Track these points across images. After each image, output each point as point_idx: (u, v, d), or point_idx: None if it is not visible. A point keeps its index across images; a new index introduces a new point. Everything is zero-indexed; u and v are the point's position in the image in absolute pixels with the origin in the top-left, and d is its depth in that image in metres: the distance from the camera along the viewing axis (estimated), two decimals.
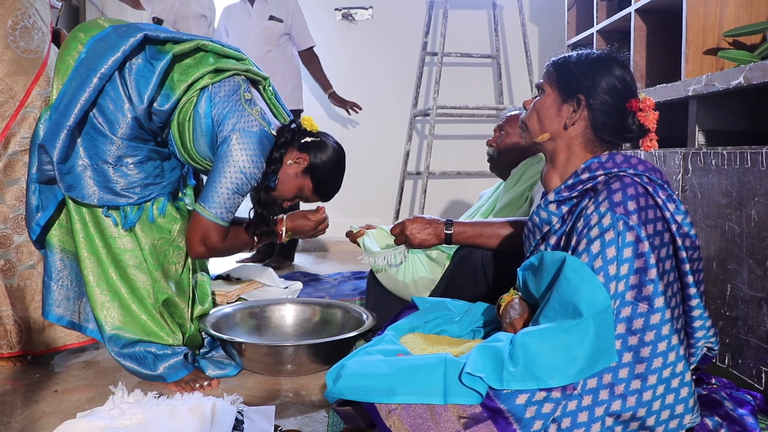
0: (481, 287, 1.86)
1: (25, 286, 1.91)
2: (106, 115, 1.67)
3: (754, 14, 2.33)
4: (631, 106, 1.32)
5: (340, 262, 3.96)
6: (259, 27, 3.59)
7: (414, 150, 4.61)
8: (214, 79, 1.72)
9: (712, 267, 1.78)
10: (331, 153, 1.84)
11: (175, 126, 1.76)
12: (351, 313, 2.09)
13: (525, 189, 2.08)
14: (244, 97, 1.74)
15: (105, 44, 1.65)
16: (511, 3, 4.45)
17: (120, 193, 1.70)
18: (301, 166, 1.82)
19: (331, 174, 1.86)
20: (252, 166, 1.70)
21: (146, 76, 1.67)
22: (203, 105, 1.72)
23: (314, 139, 1.83)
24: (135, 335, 1.75)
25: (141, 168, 1.73)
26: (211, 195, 1.70)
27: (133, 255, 1.76)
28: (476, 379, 1.17)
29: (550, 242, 1.36)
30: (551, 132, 1.37)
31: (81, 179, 1.67)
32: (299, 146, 1.82)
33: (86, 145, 1.68)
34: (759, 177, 1.58)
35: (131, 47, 1.65)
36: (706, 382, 1.46)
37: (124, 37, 1.65)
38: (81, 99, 1.62)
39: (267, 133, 1.75)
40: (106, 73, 1.63)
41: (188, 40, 1.73)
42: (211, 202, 1.70)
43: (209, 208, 1.71)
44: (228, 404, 1.49)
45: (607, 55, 1.36)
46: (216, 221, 1.72)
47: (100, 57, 1.63)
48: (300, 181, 1.83)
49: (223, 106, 1.71)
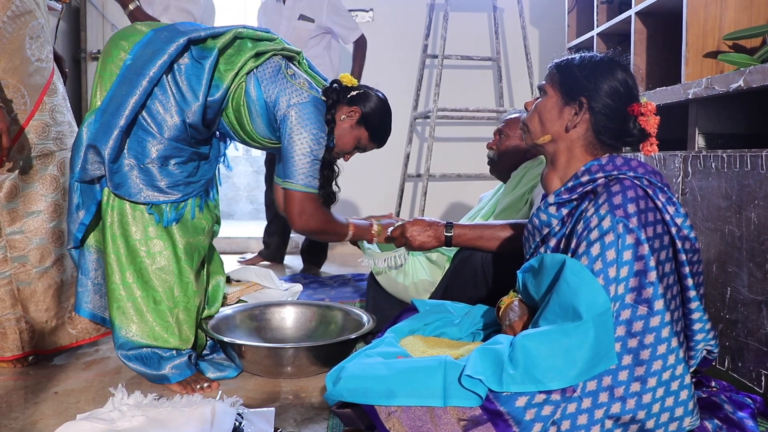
0: (481, 289, 1.86)
1: (36, 289, 1.94)
2: (154, 117, 1.75)
3: (754, 17, 2.33)
4: (632, 110, 1.32)
5: (340, 265, 3.96)
6: (289, 27, 3.49)
7: (414, 152, 4.62)
8: (256, 62, 1.82)
9: (712, 270, 1.78)
10: (377, 100, 1.95)
11: (230, 113, 1.85)
12: (351, 316, 2.09)
13: (525, 192, 2.09)
14: (287, 74, 1.84)
15: (151, 49, 1.73)
16: (511, 6, 4.45)
17: (164, 191, 1.77)
18: (354, 118, 1.93)
19: (382, 119, 1.97)
20: (318, 131, 1.81)
21: (197, 74, 1.76)
22: (253, 89, 1.81)
23: (359, 92, 1.95)
24: (143, 340, 1.76)
25: (183, 168, 1.81)
26: (293, 169, 1.81)
27: (160, 257, 1.78)
28: (476, 382, 1.17)
29: (550, 245, 1.36)
30: (552, 134, 1.37)
31: (128, 178, 1.74)
32: (347, 101, 1.93)
33: (133, 145, 1.75)
34: (759, 180, 1.58)
35: (177, 50, 1.73)
36: (705, 385, 1.46)
37: (168, 42, 1.73)
38: (131, 101, 1.69)
39: (318, 99, 1.85)
40: (155, 77, 1.71)
41: (226, 31, 1.81)
42: (295, 174, 1.81)
43: (296, 181, 1.82)
44: (228, 406, 1.49)
45: (610, 58, 1.36)
46: (306, 190, 1.83)
47: (148, 62, 1.71)
48: (356, 132, 1.95)
49: (272, 86, 1.81)
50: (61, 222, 1.96)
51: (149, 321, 1.77)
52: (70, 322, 2.01)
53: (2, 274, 1.91)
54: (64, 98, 2.04)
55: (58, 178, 1.96)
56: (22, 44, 1.86)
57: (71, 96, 2.23)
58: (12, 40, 1.84)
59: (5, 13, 1.83)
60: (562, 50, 3.85)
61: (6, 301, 1.91)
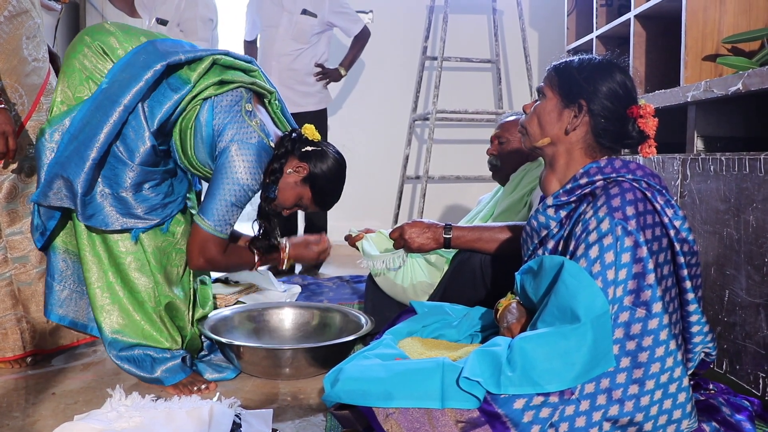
0: (480, 291, 1.86)
1: (38, 289, 1.94)
2: (126, 144, 1.69)
3: (753, 21, 2.34)
4: (632, 112, 1.32)
5: (338, 266, 3.96)
6: (291, 22, 3.42)
7: (413, 154, 4.62)
8: (217, 90, 1.74)
9: (710, 272, 1.78)
10: (331, 163, 1.84)
11: (177, 134, 1.77)
12: (349, 317, 2.09)
13: (524, 194, 2.09)
14: (244, 109, 1.75)
15: (128, 74, 1.66)
16: (511, 8, 4.46)
17: (142, 218, 1.73)
18: (300, 175, 1.83)
19: (331, 184, 1.86)
20: (249, 178, 1.71)
21: (161, 101, 1.70)
22: (205, 114, 1.73)
23: (314, 149, 1.84)
24: (133, 339, 1.75)
25: (157, 190, 1.76)
26: (210, 208, 1.71)
27: (135, 258, 1.76)
28: (474, 384, 1.17)
29: (548, 247, 1.36)
30: (552, 137, 1.37)
31: (102, 208, 1.69)
32: (299, 155, 1.83)
33: (106, 174, 1.69)
34: (757, 183, 1.58)
35: (154, 77, 1.66)
36: (703, 387, 1.46)
37: (146, 68, 1.66)
38: (104, 131, 1.63)
39: (265, 145, 1.75)
40: (130, 105, 1.65)
41: (204, 56, 1.73)
42: (210, 214, 1.71)
43: (207, 220, 1.71)
44: (225, 407, 1.49)
45: (609, 60, 1.37)
46: (214, 233, 1.73)
47: (124, 88, 1.64)
48: (299, 190, 1.84)
49: (224, 116, 1.73)
50: None
51: (137, 319, 1.75)
52: None
53: (3, 275, 1.91)
54: None
55: None
56: (19, 44, 1.86)
57: None
58: (9, 41, 1.84)
59: (2, 14, 1.83)
60: (561, 53, 3.85)
61: (7, 302, 1.91)
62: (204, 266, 1.78)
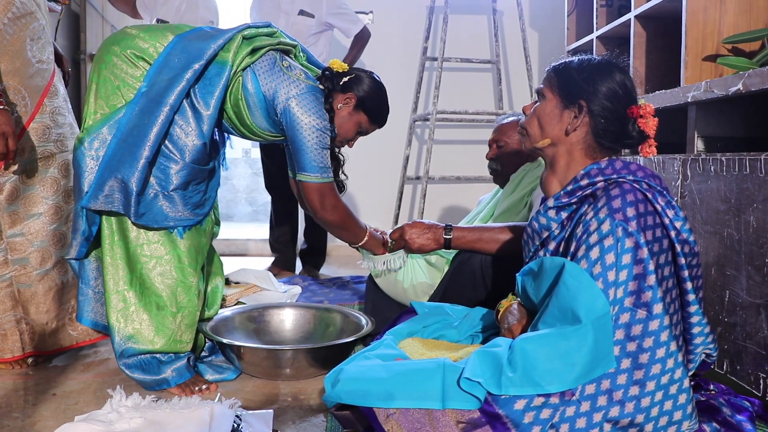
0: (480, 292, 1.86)
1: (36, 291, 1.94)
2: (175, 143, 1.75)
3: (753, 21, 2.34)
4: (632, 112, 1.32)
5: (339, 267, 3.96)
6: (288, 23, 3.40)
7: (413, 155, 4.62)
8: (252, 58, 1.82)
9: (710, 273, 1.78)
10: (370, 82, 1.96)
11: (229, 109, 1.85)
12: (350, 318, 2.09)
13: (524, 194, 2.08)
14: (282, 66, 1.85)
15: (167, 75, 1.71)
16: (511, 8, 4.46)
17: (186, 216, 1.78)
18: (351, 104, 1.93)
19: (379, 100, 1.98)
20: (320, 119, 1.82)
21: (210, 91, 1.76)
22: (250, 83, 1.81)
23: (350, 77, 1.94)
24: (145, 346, 1.75)
25: (197, 188, 1.82)
26: (305, 161, 1.82)
27: (161, 262, 1.76)
28: (475, 384, 1.17)
29: (549, 248, 1.36)
30: (552, 137, 1.37)
31: (153, 206, 1.74)
32: (341, 88, 1.92)
33: (156, 173, 1.74)
34: (757, 183, 1.58)
35: (194, 76, 1.72)
36: (704, 388, 1.46)
37: (185, 68, 1.72)
38: (153, 131, 1.68)
39: (316, 88, 1.86)
40: (175, 104, 1.71)
41: (233, 37, 1.80)
42: (309, 166, 1.82)
43: (311, 173, 1.83)
44: (226, 408, 1.49)
45: (608, 60, 1.37)
46: (323, 181, 1.84)
47: (166, 89, 1.70)
48: (356, 117, 1.94)
49: (269, 79, 1.82)
50: (62, 224, 1.96)
51: (150, 328, 1.75)
52: (70, 324, 2.01)
53: (3, 277, 1.90)
54: (65, 100, 2.03)
55: (59, 180, 1.96)
56: (23, 46, 1.86)
57: (70, 97, 2.22)
58: (13, 42, 1.84)
59: (6, 15, 1.83)
60: (561, 53, 3.85)
61: (6, 303, 1.91)
62: (331, 216, 1.89)
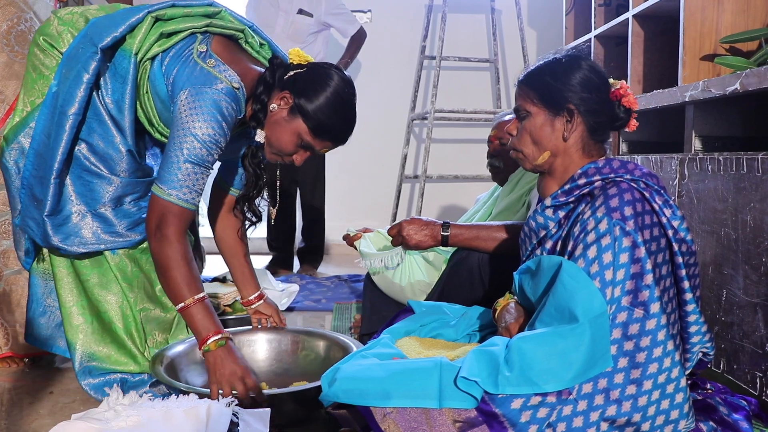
0: (478, 291, 1.86)
1: (11, 290, 1.90)
2: (98, 154, 1.54)
3: (751, 21, 2.34)
4: (615, 95, 1.33)
5: (337, 265, 3.96)
6: (287, 21, 3.42)
7: (412, 153, 4.62)
8: (163, 45, 1.50)
9: (707, 272, 1.78)
10: (323, 80, 1.48)
11: (138, 108, 1.57)
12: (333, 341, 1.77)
13: (522, 193, 2.08)
14: (197, 50, 1.48)
15: (72, 73, 1.48)
16: (509, 7, 4.45)
17: (123, 234, 1.58)
18: (286, 106, 1.50)
19: (332, 106, 1.49)
20: (206, 127, 1.40)
21: (120, 90, 1.51)
22: (155, 70, 1.50)
23: (298, 71, 1.51)
24: (106, 364, 1.64)
25: (138, 204, 1.61)
26: (167, 171, 1.42)
27: (98, 273, 1.62)
28: (471, 383, 1.17)
29: (546, 247, 1.36)
30: (551, 149, 1.35)
31: (79, 228, 1.55)
32: (281, 84, 1.51)
33: (81, 191, 1.55)
34: (755, 183, 1.58)
35: (94, 73, 1.47)
36: (701, 387, 1.46)
37: (85, 64, 1.46)
38: (59, 149, 1.48)
39: (226, 88, 1.43)
40: (78, 112, 1.48)
41: (141, 20, 1.48)
42: (168, 180, 1.41)
43: (168, 188, 1.41)
44: (223, 407, 1.48)
45: (568, 53, 1.36)
46: (177, 203, 1.42)
47: (68, 94, 1.48)
48: (293, 125, 1.50)
49: (173, 65, 1.48)
50: None
51: (106, 342, 1.65)
52: None
53: None
54: None
55: None
56: None
57: None
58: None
59: None
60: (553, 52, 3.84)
61: None
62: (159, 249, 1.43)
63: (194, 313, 1.43)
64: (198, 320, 1.43)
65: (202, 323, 1.43)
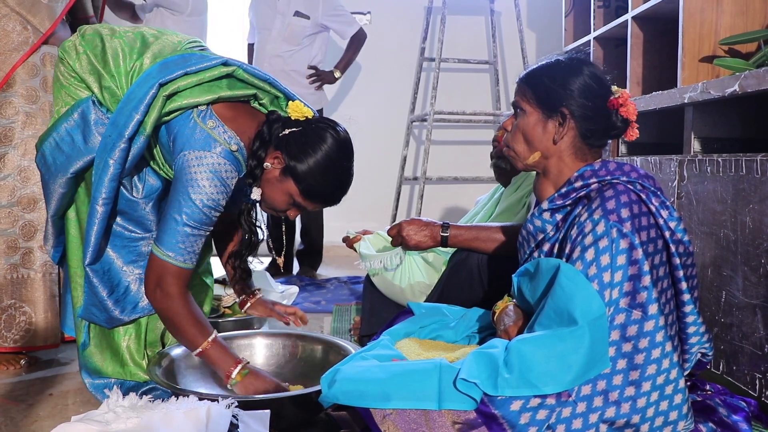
0: (477, 292, 1.86)
1: (33, 287, 1.94)
2: (133, 220, 1.60)
3: (750, 23, 2.34)
4: (612, 104, 1.32)
5: (336, 267, 3.96)
6: (283, 24, 3.43)
7: (411, 155, 4.62)
8: (170, 116, 1.51)
9: (707, 274, 1.78)
10: (316, 144, 1.48)
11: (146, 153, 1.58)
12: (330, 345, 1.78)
13: (523, 195, 2.08)
14: (196, 111, 1.50)
15: (99, 162, 1.49)
16: (508, 9, 4.46)
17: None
18: (278, 167, 1.51)
19: (319, 171, 1.48)
20: (205, 192, 1.44)
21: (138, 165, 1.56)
22: (161, 131, 1.55)
23: (293, 130, 1.50)
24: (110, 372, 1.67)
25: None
26: (166, 233, 1.45)
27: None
28: (471, 385, 1.17)
29: (544, 249, 1.36)
30: (541, 150, 1.36)
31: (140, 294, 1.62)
32: (276, 143, 1.51)
33: (129, 259, 1.62)
34: (754, 184, 1.58)
35: (120, 163, 1.47)
36: (700, 388, 1.46)
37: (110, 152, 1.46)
38: (93, 231, 1.52)
39: (225, 151, 1.46)
40: (108, 198, 1.50)
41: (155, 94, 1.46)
42: (166, 242, 1.45)
43: (166, 250, 1.45)
44: (223, 408, 1.49)
45: (573, 57, 1.36)
46: (174, 264, 1.46)
47: (97, 182, 1.49)
48: (285, 185, 1.51)
49: (176, 123, 1.50)
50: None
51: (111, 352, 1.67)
52: None
53: None
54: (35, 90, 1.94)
55: None
56: None
57: None
58: None
59: None
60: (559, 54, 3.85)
61: None
62: (161, 303, 1.49)
63: (212, 354, 1.51)
64: (217, 359, 1.51)
65: (222, 360, 1.51)
